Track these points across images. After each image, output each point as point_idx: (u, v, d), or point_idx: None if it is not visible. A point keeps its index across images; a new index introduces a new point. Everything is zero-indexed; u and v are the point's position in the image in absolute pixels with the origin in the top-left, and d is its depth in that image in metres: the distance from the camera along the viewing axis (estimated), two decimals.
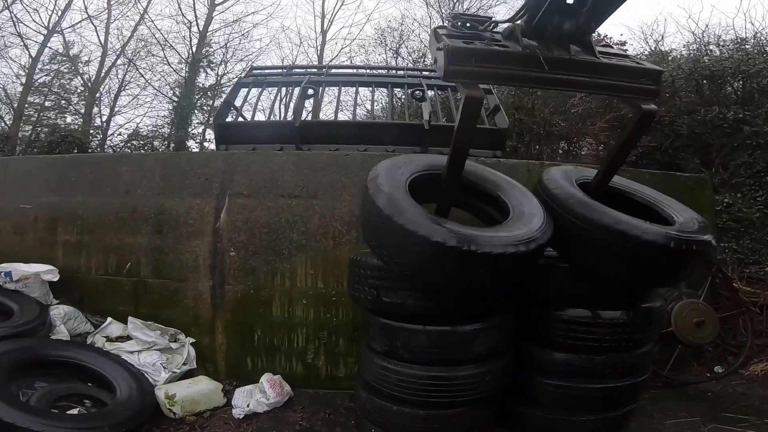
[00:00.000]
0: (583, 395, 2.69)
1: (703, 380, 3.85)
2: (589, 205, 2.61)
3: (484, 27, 2.46)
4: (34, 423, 2.44)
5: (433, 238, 2.16)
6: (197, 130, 15.39)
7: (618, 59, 2.44)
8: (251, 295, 3.66)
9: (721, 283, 4.28)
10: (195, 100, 14.21)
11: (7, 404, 2.47)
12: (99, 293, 3.80)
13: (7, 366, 2.77)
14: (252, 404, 3.22)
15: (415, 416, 2.54)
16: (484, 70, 2.24)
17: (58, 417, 2.68)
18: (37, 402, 2.71)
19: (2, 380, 2.63)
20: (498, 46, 2.30)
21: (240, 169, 3.76)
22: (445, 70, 2.20)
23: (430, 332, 2.52)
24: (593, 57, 2.32)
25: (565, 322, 2.62)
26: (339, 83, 5.48)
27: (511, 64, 2.25)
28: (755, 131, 6.25)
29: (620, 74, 2.37)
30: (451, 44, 2.20)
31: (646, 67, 2.43)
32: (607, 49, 2.54)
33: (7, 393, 2.58)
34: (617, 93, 2.67)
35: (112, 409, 2.85)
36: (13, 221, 4.01)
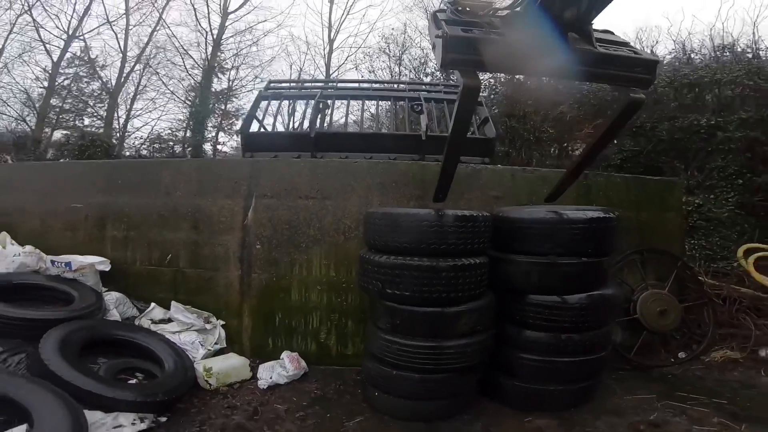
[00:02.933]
0: (553, 368, 2.97)
1: (667, 365, 3.97)
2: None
3: (484, 13, 2.39)
4: (106, 391, 2.72)
5: None
6: (210, 134, 15.61)
7: (615, 48, 2.35)
8: (274, 283, 3.90)
9: (688, 276, 4.43)
10: (210, 106, 14.36)
11: (84, 375, 2.74)
12: (143, 282, 4.04)
13: (78, 343, 3.02)
14: (274, 377, 3.48)
15: (410, 379, 2.84)
16: (481, 59, 2.14)
17: (122, 386, 2.93)
18: (104, 373, 2.98)
19: (76, 356, 2.89)
20: (496, 35, 2.20)
21: (264, 174, 3.99)
22: (443, 59, 2.12)
23: (424, 313, 2.82)
24: (591, 47, 2.24)
25: (535, 306, 2.94)
26: (347, 97, 5.76)
27: (507, 53, 2.15)
28: (728, 137, 6.49)
29: (616, 64, 2.30)
30: (450, 32, 2.11)
31: (640, 57, 2.36)
32: (608, 35, 2.48)
33: (82, 366, 2.83)
34: (612, 82, 2.67)
35: (162, 380, 3.08)
36: (64, 219, 4.24)
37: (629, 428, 2.79)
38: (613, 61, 2.28)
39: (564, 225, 2.98)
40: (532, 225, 3.05)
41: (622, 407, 3.09)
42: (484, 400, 3.14)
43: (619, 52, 2.32)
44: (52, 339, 2.85)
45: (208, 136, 14.78)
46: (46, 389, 2.45)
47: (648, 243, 4.28)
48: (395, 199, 3.87)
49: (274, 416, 2.98)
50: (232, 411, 3.02)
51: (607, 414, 2.98)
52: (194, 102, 15.16)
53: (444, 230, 2.79)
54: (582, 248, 2.98)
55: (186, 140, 14.48)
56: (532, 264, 3.00)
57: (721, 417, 2.90)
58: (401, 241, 2.85)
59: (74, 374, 2.67)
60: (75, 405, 2.42)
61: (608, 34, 2.51)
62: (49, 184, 4.35)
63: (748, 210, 6.23)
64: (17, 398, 2.36)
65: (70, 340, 2.94)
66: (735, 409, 3.03)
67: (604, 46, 2.29)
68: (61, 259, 3.70)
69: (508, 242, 3.14)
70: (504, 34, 2.19)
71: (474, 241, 2.87)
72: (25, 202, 4.35)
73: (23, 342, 2.96)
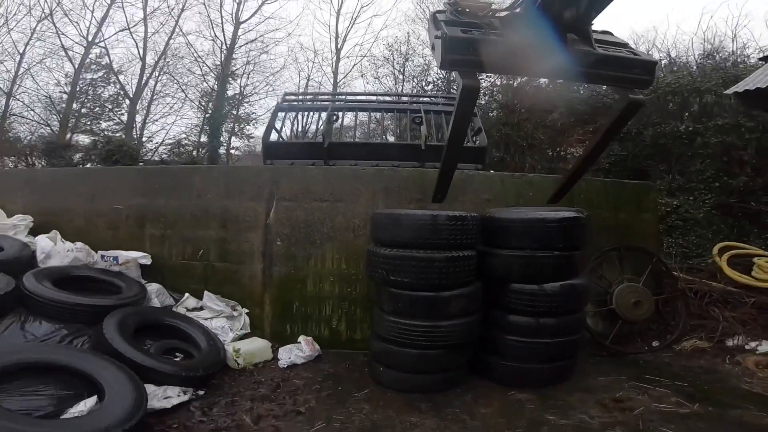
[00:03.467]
0: (533, 348, 3.31)
1: (641, 352, 4.18)
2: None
3: (483, 14, 2.33)
4: (160, 367, 3.02)
5: None
6: (224, 139, 15.96)
7: (614, 49, 2.29)
8: (292, 275, 4.22)
9: (663, 272, 4.67)
10: (225, 112, 14.66)
11: (142, 354, 3.06)
12: (177, 274, 4.36)
13: (132, 326, 3.32)
14: (292, 357, 3.83)
15: (410, 355, 3.22)
16: (480, 59, 2.09)
17: (170, 362, 3.22)
18: (155, 352, 3.26)
19: (131, 337, 3.19)
20: (495, 35, 2.15)
21: (283, 180, 4.32)
22: (443, 59, 2.07)
23: (421, 297, 3.20)
24: (590, 48, 2.17)
25: (515, 293, 3.31)
26: (355, 109, 6.14)
27: (507, 54, 2.11)
28: (706, 142, 6.72)
29: (614, 65, 2.24)
30: (449, 33, 2.06)
31: (639, 58, 2.30)
32: (607, 36, 2.42)
33: (138, 346, 3.14)
34: (610, 83, 2.57)
35: (201, 359, 3.38)
36: (107, 219, 4.55)
37: (596, 403, 3.09)
38: (612, 62, 2.22)
39: (539, 224, 3.33)
40: (513, 224, 3.42)
41: (594, 386, 3.38)
42: (474, 378, 3.47)
43: (618, 53, 2.26)
44: (112, 322, 3.18)
45: (223, 141, 15.12)
46: (113, 365, 2.77)
47: (625, 241, 4.55)
48: (398, 201, 4.19)
49: (294, 389, 3.35)
50: (258, 385, 3.39)
51: (579, 391, 3.28)
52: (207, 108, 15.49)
53: (437, 228, 3.17)
54: (555, 243, 3.33)
55: (201, 145, 14.87)
56: (513, 257, 3.36)
57: (679, 397, 3.15)
58: (402, 237, 3.23)
59: (134, 352, 3.00)
60: (137, 378, 2.72)
61: (607, 35, 2.46)
62: (93, 188, 4.69)
63: (725, 211, 6.45)
64: (90, 372, 2.67)
65: (126, 323, 3.26)
66: (693, 391, 3.27)
67: (603, 47, 2.23)
68: (110, 254, 4.10)
69: (494, 238, 3.51)
70: (503, 35, 2.14)
71: (463, 237, 3.24)
72: (71, 203, 4.68)
73: (84, 326, 3.29)
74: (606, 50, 2.22)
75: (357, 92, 11.10)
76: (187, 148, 13.77)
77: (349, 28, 17.87)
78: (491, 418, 2.93)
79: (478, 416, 2.96)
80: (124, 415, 2.39)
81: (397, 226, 3.30)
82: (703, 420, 2.86)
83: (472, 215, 3.37)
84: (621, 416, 2.93)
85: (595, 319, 4.37)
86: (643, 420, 2.86)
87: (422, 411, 3.02)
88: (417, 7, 15.94)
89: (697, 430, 2.74)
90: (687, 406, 3.05)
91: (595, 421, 2.88)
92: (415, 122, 5.69)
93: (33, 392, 2.51)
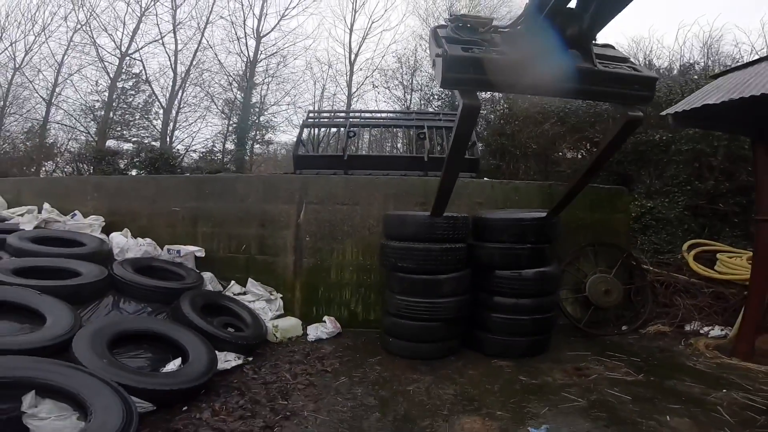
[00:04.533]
0: (515, 324, 3.81)
1: (610, 334, 4.53)
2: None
3: (484, 30, 2.22)
4: (223, 335, 3.54)
5: None
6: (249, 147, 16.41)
7: (615, 64, 2.19)
8: (318, 265, 4.72)
9: (633, 265, 5.05)
10: (251, 123, 15.16)
11: (212, 326, 3.56)
12: (224, 265, 4.85)
13: (200, 305, 3.79)
14: (318, 333, 4.38)
15: (413, 326, 3.79)
16: (481, 78, 2.01)
17: (229, 333, 3.69)
18: (216, 324, 3.71)
19: (200, 313, 3.64)
20: (497, 53, 2.05)
21: (311, 186, 4.80)
22: (443, 78, 1.99)
23: (422, 279, 3.78)
24: (591, 65, 2.07)
25: (498, 278, 3.86)
26: (370, 126, 6.72)
27: (507, 72, 2.02)
28: (679, 149, 6.95)
29: (615, 81, 2.14)
30: (450, 51, 1.96)
31: (640, 75, 2.18)
32: (608, 50, 2.32)
33: (206, 320, 3.61)
34: (611, 100, 2.44)
35: (249, 333, 3.85)
36: (165, 218, 5.10)
37: (560, 370, 3.55)
38: (613, 78, 2.12)
39: (515, 222, 3.90)
40: (495, 222, 4.00)
41: (562, 358, 3.85)
42: (466, 350, 3.98)
43: (619, 70, 2.15)
44: (186, 301, 3.72)
45: (247, 150, 15.66)
46: (193, 334, 3.31)
47: (599, 238, 4.99)
48: (405, 205, 4.70)
49: (321, 356, 3.95)
50: (292, 354, 3.97)
51: (549, 361, 3.76)
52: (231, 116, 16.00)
53: (435, 226, 3.77)
54: (529, 238, 3.89)
55: (227, 151, 15.42)
56: (495, 248, 3.94)
57: (629, 369, 3.56)
58: (407, 232, 3.85)
59: (205, 324, 3.55)
60: (210, 345, 3.25)
61: (608, 48, 2.36)
62: (154, 193, 5.26)
63: (696, 211, 6.73)
64: (179, 339, 3.19)
65: (195, 302, 3.78)
66: (643, 365, 3.66)
67: (603, 63, 2.12)
68: (174, 248, 4.72)
69: (482, 234, 4.09)
70: (504, 52, 2.04)
71: (456, 232, 3.84)
72: (135, 206, 5.25)
73: (161, 305, 3.82)
74: (607, 66, 2.12)
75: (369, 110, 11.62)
76: (216, 155, 14.41)
77: (361, 43, 18.30)
78: (476, 378, 3.45)
79: (466, 376, 3.47)
80: (203, 371, 2.97)
81: (404, 225, 3.91)
82: (642, 386, 3.26)
83: (463, 216, 3.96)
84: (578, 380, 3.39)
85: (574, 306, 4.82)
86: (594, 383, 3.31)
87: (422, 371, 3.54)
88: (422, 23, 16.36)
89: (636, 393, 3.13)
90: (633, 375, 3.46)
91: (557, 382, 3.36)
92: (420, 137, 6.20)
93: (136, 355, 3.07)
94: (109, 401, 2.21)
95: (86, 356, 2.59)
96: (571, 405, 3.00)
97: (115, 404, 2.21)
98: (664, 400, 3.04)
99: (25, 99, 15.70)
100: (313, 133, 6.77)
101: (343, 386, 3.32)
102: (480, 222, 4.13)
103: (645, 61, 10.99)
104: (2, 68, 15.30)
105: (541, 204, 4.76)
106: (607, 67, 2.11)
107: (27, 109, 15.70)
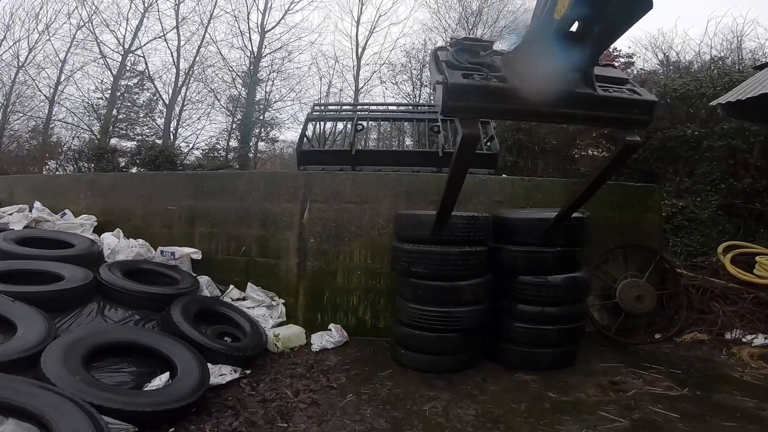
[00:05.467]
0: (541, 334, 3.55)
1: (643, 343, 4.28)
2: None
3: (485, 53, 2.19)
4: (217, 347, 3.29)
5: None
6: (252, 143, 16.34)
7: (615, 88, 2.17)
8: (323, 269, 4.50)
9: (666, 269, 4.79)
10: (255, 118, 15.08)
11: (203, 336, 3.35)
12: (222, 268, 4.65)
13: (192, 312, 3.59)
14: (323, 342, 4.13)
15: (428, 338, 3.51)
16: (482, 106, 2.03)
17: (224, 344, 3.46)
18: (210, 335, 3.48)
19: (192, 321, 3.45)
20: (497, 79, 2.03)
21: (316, 184, 4.59)
22: (444, 107, 2.00)
23: (439, 286, 3.50)
24: (591, 90, 2.06)
25: (522, 284, 3.58)
26: (379, 119, 6.43)
27: (508, 99, 2.02)
28: (711, 145, 6.72)
29: (614, 106, 2.12)
30: (450, 80, 1.97)
31: (640, 98, 2.15)
32: (608, 71, 2.30)
33: (199, 330, 3.41)
34: (610, 125, 2.52)
35: (247, 342, 3.64)
36: (162, 218, 4.90)
37: (594, 385, 3.29)
38: (613, 103, 2.11)
39: (542, 222, 3.57)
40: (520, 223, 3.71)
41: (594, 371, 3.58)
42: (485, 362, 3.72)
43: (620, 94, 2.14)
44: (177, 308, 3.49)
45: (251, 146, 15.54)
46: (182, 345, 3.08)
47: (630, 239, 4.70)
48: (417, 203, 4.45)
49: (326, 369, 3.68)
50: (295, 366, 3.72)
51: (580, 374, 3.49)
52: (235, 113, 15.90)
53: (453, 227, 3.45)
54: (558, 240, 3.59)
55: (230, 149, 15.34)
56: (519, 252, 3.65)
57: (671, 382, 3.32)
58: (422, 234, 3.50)
59: (197, 335, 3.32)
60: (201, 358, 3.02)
61: (609, 68, 2.35)
62: (149, 191, 5.07)
63: (730, 211, 6.47)
64: (165, 352, 2.96)
65: (187, 310, 3.57)
66: (685, 378, 3.41)
67: (603, 87, 2.11)
68: (168, 249, 4.48)
69: (504, 236, 3.79)
70: (505, 78, 2.04)
71: (476, 234, 3.55)
72: (130, 205, 5.07)
73: (151, 312, 3.61)
74: (607, 90, 2.11)
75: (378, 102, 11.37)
76: (219, 152, 14.25)
77: (368, 36, 18.11)
78: (499, 395, 3.19)
79: (488, 392, 3.21)
80: (192, 388, 2.72)
81: (419, 225, 3.61)
82: (689, 402, 3.02)
83: (484, 215, 3.67)
84: (615, 396, 3.12)
85: (601, 313, 4.55)
86: (634, 400, 3.04)
87: (438, 387, 3.29)
88: (433, 16, 16.05)
89: (683, 410, 2.89)
90: (677, 389, 3.21)
91: (591, 399, 3.09)
92: (433, 131, 5.92)
93: (118, 369, 2.83)
94: (77, 424, 2.00)
95: (56, 372, 2.35)
96: (611, 426, 2.74)
97: (84, 427, 1.99)
98: (716, 417, 2.81)
99: (29, 97, 15.92)
100: (319, 128, 6.49)
101: (351, 405, 3.05)
102: (502, 222, 3.84)
103: (668, 55, 10.63)
104: (6, 67, 15.48)
105: (564, 204, 4.39)
106: (607, 91, 2.10)
107: (31, 107, 15.91)
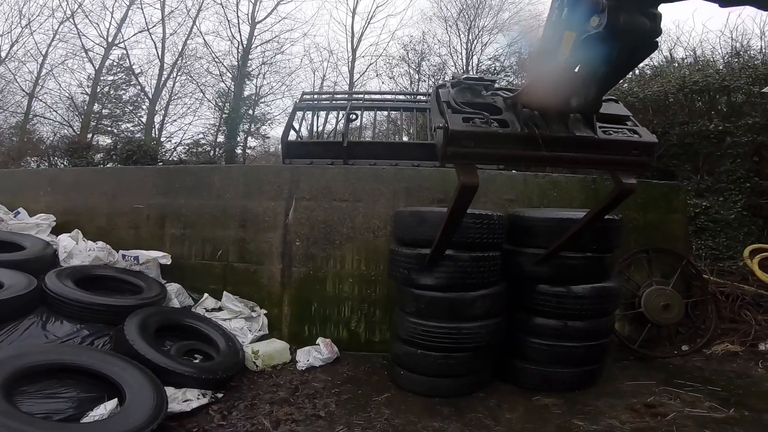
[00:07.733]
0: (563, 351, 3.23)
1: (669, 356, 4.10)
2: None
3: (487, 93, 2.27)
4: (181, 369, 3.00)
5: None
6: (241, 138, 16.08)
7: (615, 127, 2.22)
8: (311, 276, 4.20)
9: (693, 274, 4.57)
10: (242, 113, 14.81)
11: (163, 355, 3.04)
12: (196, 274, 4.35)
13: (153, 327, 3.32)
14: (311, 360, 3.80)
15: (432, 357, 3.15)
16: (482, 152, 2.08)
17: (190, 364, 3.20)
18: (175, 353, 3.23)
19: (152, 338, 3.18)
20: (498, 123, 2.09)
21: (303, 179, 4.30)
22: (444, 152, 2.05)
23: (445, 298, 3.14)
24: (592, 133, 2.11)
25: (542, 294, 3.22)
26: (374, 108, 6.08)
27: (509, 145, 2.08)
28: (736, 141, 6.52)
29: (614, 148, 2.19)
30: (451, 126, 2.02)
31: (640, 140, 2.20)
32: (611, 106, 2.35)
33: (158, 347, 3.13)
34: (608, 168, 2.46)
35: (220, 360, 3.38)
36: (128, 218, 4.56)
37: (626, 408, 3.01)
38: (612, 146, 2.17)
39: (567, 224, 3.18)
40: (540, 223, 3.35)
41: (623, 391, 3.31)
42: (498, 382, 3.41)
43: (619, 138, 2.18)
44: (133, 323, 3.16)
45: (239, 141, 15.22)
46: (134, 367, 2.75)
47: (654, 242, 4.44)
48: (419, 201, 4.12)
49: (313, 392, 3.32)
50: (276, 388, 3.36)
51: (607, 396, 3.21)
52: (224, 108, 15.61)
53: (464, 227, 3.04)
54: (587, 245, 3.24)
55: (218, 144, 15.00)
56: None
57: (713, 402, 3.08)
58: (427, 235, 3.11)
59: (155, 354, 2.98)
60: (157, 382, 2.71)
61: (611, 103, 2.39)
62: (114, 187, 4.71)
63: (756, 212, 6.24)
64: (111, 375, 2.65)
65: (147, 324, 3.25)
66: (726, 396, 3.20)
67: (604, 128, 2.16)
68: (131, 254, 4.11)
69: (520, 238, 3.43)
70: (506, 121, 2.08)
71: (490, 236, 3.18)
72: (93, 203, 4.71)
73: (105, 326, 3.28)
74: (607, 131, 2.17)
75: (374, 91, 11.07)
76: (204, 147, 13.90)
77: (364, 27, 17.87)
78: (517, 424, 2.86)
79: (503, 421, 2.89)
80: (145, 419, 2.39)
81: (422, 225, 3.24)
82: (739, 425, 2.78)
83: (498, 215, 3.31)
84: (653, 422, 2.85)
85: (622, 323, 4.27)
86: (676, 426, 2.78)
87: (445, 416, 2.96)
88: (434, 5, 15.77)
89: None
90: (722, 410, 2.97)
91: (626, 426, 2.80)
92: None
93: (53, 395, 2.51)
94: None
95: None
96: None
97: None
98: None
99: (11, 93, 15.66)
100: (309, 118, 6.11)
101: None
102: (518, 222, 3.49)
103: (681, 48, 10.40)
104: None
105: (583, 202, 4.24)
106: (607, 133, 2.15)
107: (12, 102, 15.66)
